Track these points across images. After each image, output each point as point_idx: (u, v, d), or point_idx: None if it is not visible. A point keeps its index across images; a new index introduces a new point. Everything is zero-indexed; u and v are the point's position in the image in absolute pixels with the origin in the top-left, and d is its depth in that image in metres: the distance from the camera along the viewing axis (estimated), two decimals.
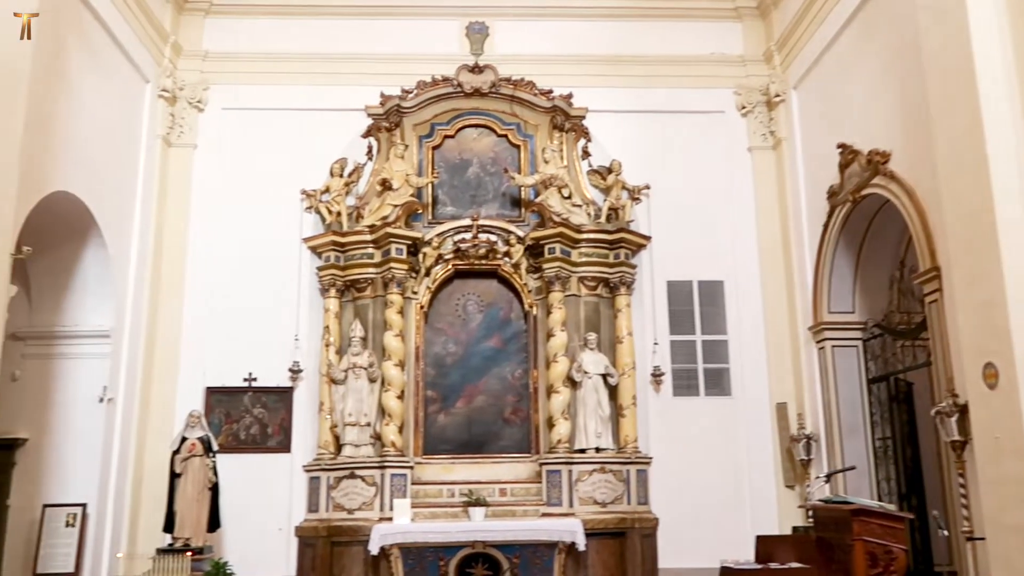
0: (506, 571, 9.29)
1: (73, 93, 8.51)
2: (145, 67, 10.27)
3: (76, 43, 8.59)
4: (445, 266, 10.67)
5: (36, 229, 7.76)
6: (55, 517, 8.81)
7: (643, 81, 11.28)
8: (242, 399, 10.28)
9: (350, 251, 10.49)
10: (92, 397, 9.17)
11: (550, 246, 10.46)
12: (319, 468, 9.96)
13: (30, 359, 9.14)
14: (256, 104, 11.06)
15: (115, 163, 9.61)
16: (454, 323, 10.77)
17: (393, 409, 9.99)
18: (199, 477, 8.96)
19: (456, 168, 11.09)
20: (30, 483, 8.95)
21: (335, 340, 10.30)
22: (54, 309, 9.34)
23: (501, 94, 11.08)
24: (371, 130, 11.08)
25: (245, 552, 9.45)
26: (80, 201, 8.76)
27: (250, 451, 10.14)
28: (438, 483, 10.06)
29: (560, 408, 10.10)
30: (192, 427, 9.17)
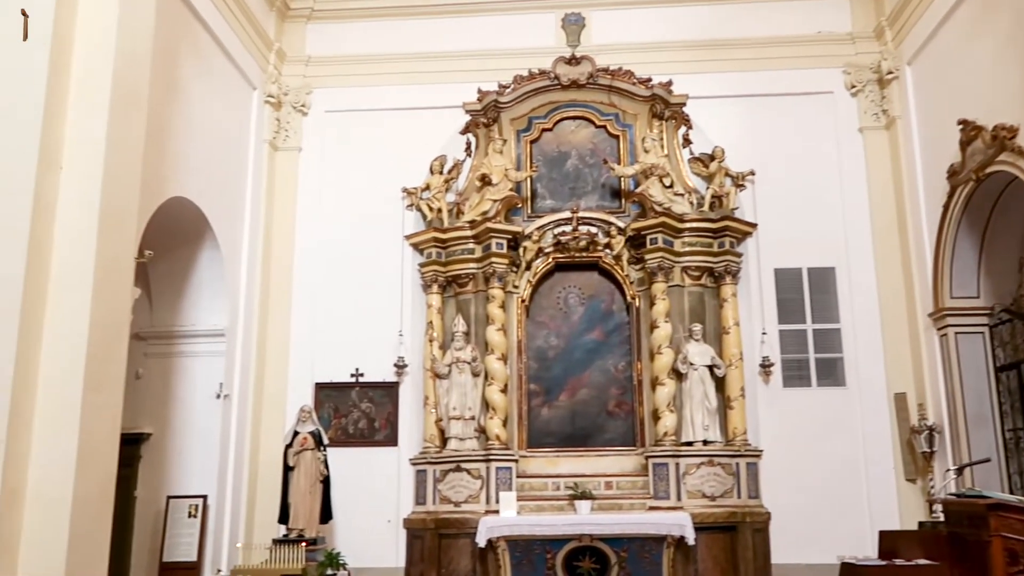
0: (614, 565, 9.19)
1: (186, 103, 8.87)
2: (252, 74, 10.61)
3: (188, 55, 8.95)
4: (545, 259, 10.63)
5: (156, 234, 8.12)
6: (178, 508, 9.23)
7: (745, 64, 10.99)
8: (350, 394, 10.52)
9: (451, 247, 10.58)
10: (210, 393, 9.57)
11: (652, 236, 10.30)
12: (425, 461, 10.08)
13: (152, 358, 9.63)
14: (357, 106, 11.29)
15: (226, 168, 9.97)
16: (555, 316, 10.72)
17: (497, 403, 10.03)
18: (311, 470, 9.19)
19: (555, 161, 11.04)
20: (155, 475, 9.43)
21: (438, 335, 10.42)
22: (173, 310, 9.78)
23: (599, 85, 10.96)
24: (469, 126, 11.15)
25: (356, 543, 9.65)
26: (195, 206, 9.12)
27: (358, 445, 10.37)
28: (543, 476, 10.04)
29: (665, 400, 9.93)
30: (303, 422, 9.41)
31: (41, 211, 6.30)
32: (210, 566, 9.24)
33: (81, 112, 6.64)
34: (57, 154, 6.50)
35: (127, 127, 7.00)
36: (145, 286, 9.21)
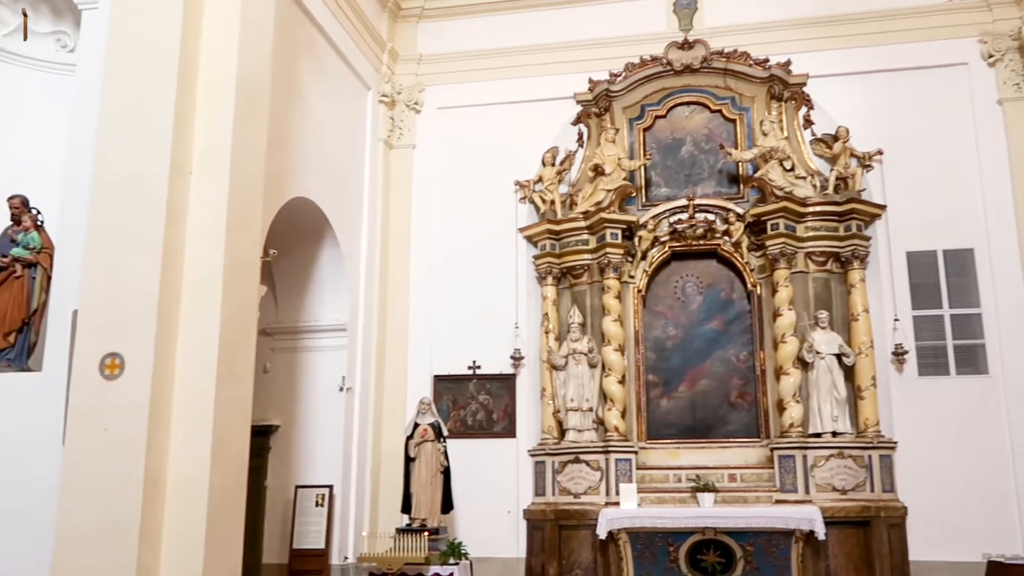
0: (740, 559, 8.96)
1: (305, 106, 9.13)
2: (366, 75, 10.84)
3: (306, 59, 9.21)
4: (661, 248, 10.45)
5: (279, 233, 8.42)
6: (306, 497, 9.56)
7: (868, 39, 10.47)
8: (467, 386, 10.63)
9: (565, 238, 10.53)
10: (333, 386, 9.86)
11: (773, 222, 9.96)
12: (544, 453, 10.09)
13: (278, 352, 10.02)
14: (468, 101, 11.37)
15: (344, 168, 10.23)
16: (673, 306, 10.53)
17: (615, 394, 9.93)
18: (431, 461, 9.34)
19: (669, 148, 10.83)
20: (283, 466, 9.81)
21: (554, 327, 10.40)
22: (297, 306, 10.13)
23: (713, 68, 10.68)
24: (581, 117, 11.07)
25: (477, 533, 9.74)
26: (315, 205, 9.39)
27: (477, 436, 10.47)
28: (663, 468, 9.89)
29: (791, 391, 9.60)
30: (423, 414, 9.57)
31: (174, 215, 6.62)
32: (337, 553, 9.53)
33: (208, 119, 6.94)
34: (187, 160, 6.82)
35: (251, 132, 7.27)
36: (270, 284, 9.57)
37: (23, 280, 7.13)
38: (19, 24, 7.95)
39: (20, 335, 7.09)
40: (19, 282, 7.12)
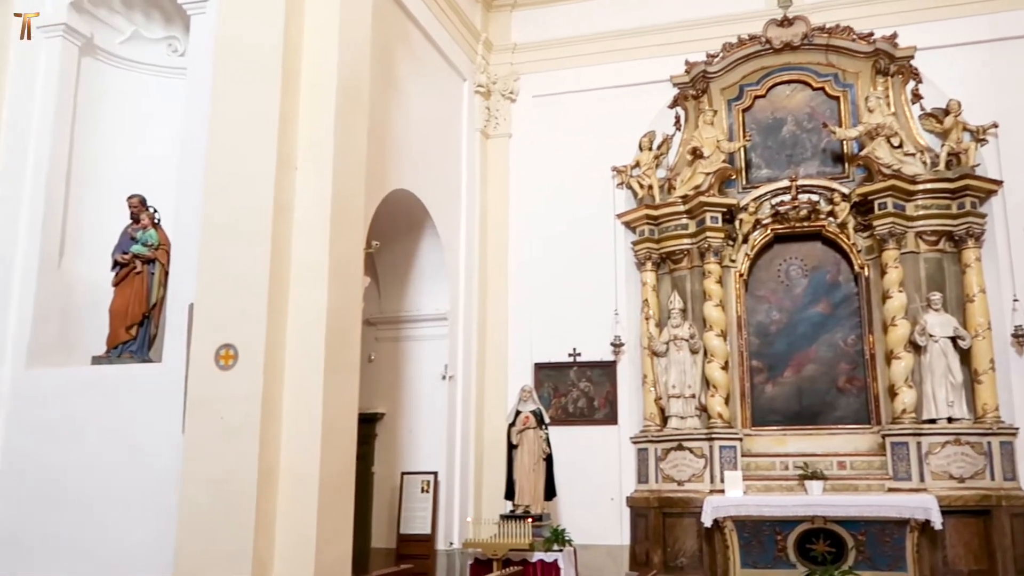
0: (851, 548, 8.72)
1: (403, 99, 9.26)
2: (461, 66, 10.93)
3: (403, 53, 9.34)
4: (763, 231, 10.21)
5: (381, 225, 8.58)
6: (412, 484, 9.76)
7: (980, 7, 9.96)
8: (568, 373, 10.64)
9: (664, 223, 10.40)
10: (435, 375, 10.03)
11: (880, 201, 9.60)
12: (646, 440, 10.02)
13: (382, 342, 10.25)
14: (563, 88, 11.33)
15: (442, 159, 10.35)
16: (776, 290, 10.28)
17: (718, 380, 9.78)
18: (534, 448, 9.39)
19: (769, 128, 10.56)
20: (389, 452, 10.04)
21: (654, 313, 10.30)
22: (399, 296, 10.33)
23: (814, 45, 10.35)
24: (677, 100, 10.91)
25: (580, 520, 9.75)
26: (415, 197, 9.54)
27: (578, 423, 10.47)
28: (769, 455, 9.69)
29: (903, 375, 9.25)
30: (525, 401, 9.63)
31: (281, 210, 6.84)
32: (443, 538, 9.69)
33: (311, 116, 7.13)
34: (292, 156, 7.03)
35: (352, 127, 7.44)
36: (373, 275, 9.78)
37: (143, 276, 7.48)
38: (134, 31, 8.32)
39: (141, 328, 7.44)
40: (139, 278, 7.47)
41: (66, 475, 7.00)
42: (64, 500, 6.96)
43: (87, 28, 8.00)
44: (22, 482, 7.09)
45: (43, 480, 7.04)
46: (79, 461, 6.99)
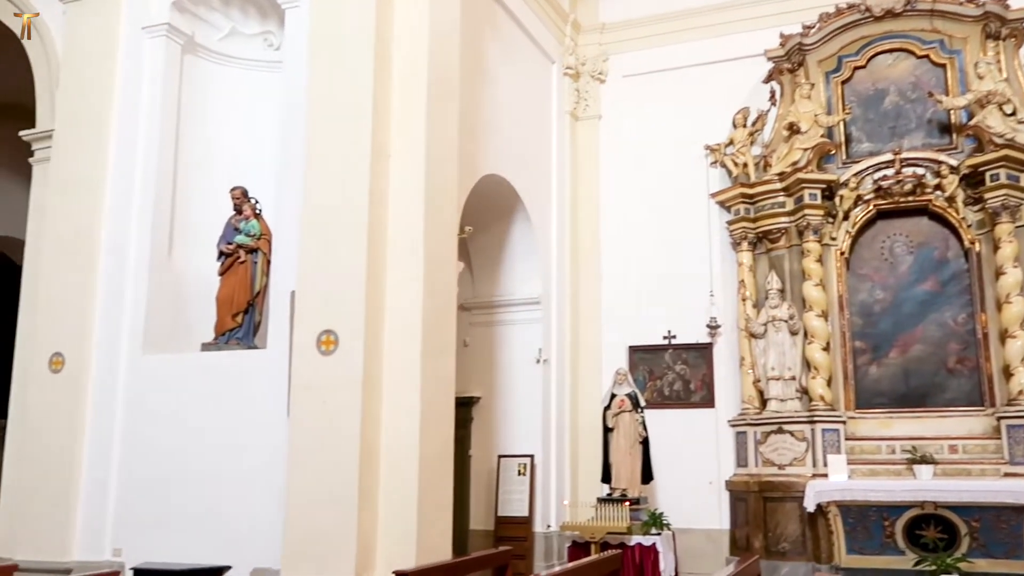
0: (964, 535, 8.37)
1: (492, 84, 9.27)
2: (550, 49, 10.87)
3: (491, 38, 9.35)
4: (865, 207, 9.84)
5: (473, 210, 8.64)
6: (508, 466, 9.84)
7: None
8: (663, 356, 10.53)
9: (760, 202, 10.14)
10: (530, 359, 10.08)
11: (992, 172, 9.14)
12: (744, 423, 9.83)
13: (476, 327, 10.35)
14: (653, 67, 11.17)
15: (532, 143, 10.34)
16: (880, 268, 9.91)
17: (819, 362, 9.51)
18: (630, 431, 9.34)
19: (870, 100, 10.17)
20: (486, 436, 10.14)
21: (751, 294, 10.07)
22: (492, 281, 10.40)
23: (918, 10, 9.90)
24: (772, 74, 10.61)
25: (678, 503, 9.67)
26: (506, 181, 9.55)
27: (675, 406, 10.36)
28: (874, 439, 9.38)
29: (1019, 355, 8.81)
30: (619, 384, 9.57)
31: (376, 198, 6.96)
32: (540, 521, 9.76)
33: (403, 104, 7.24)
34: (386, 144, 7.14)
35: (443, 113, 7.50)
36: (466, 260, 9.85)
37: (247, 265, 7.73)
38: (232, 28, 8.56)
39: (246, 315, 7.69)
40: (243, 267, 7.72)
41: (180, 456, 7.31)
42: (178, 480, 7.28)
43: (188, 27, 8.27)
44: (141, 462, 7.45)
45: (159, 461, 7.37)
46: (191, 443, 7.29)
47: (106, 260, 7.83)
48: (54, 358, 7.67)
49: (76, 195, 7.98)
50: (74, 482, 7.48)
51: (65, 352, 7.68)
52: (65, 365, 7.65)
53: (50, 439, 7.61)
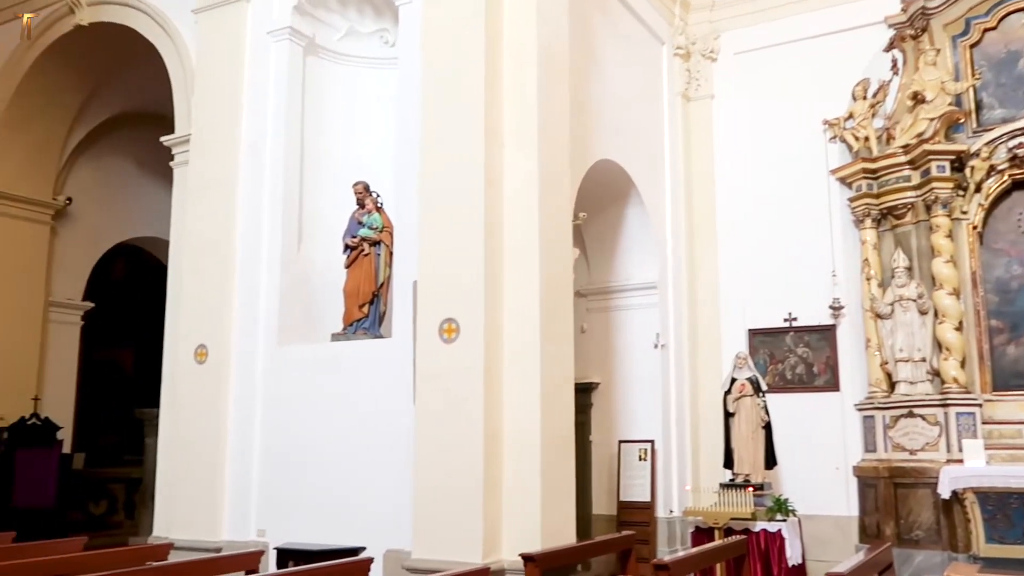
0: None
1: (602, 68, 9.23)
2: (659, 29, 10.75)
3: (600, 22, 9.31)
4: (999, 178, 9.33)
5: (586, 196, 8.64)
6: (629, 452, 9.86)
7: None
8: (784, 339, 10.30)
9: (883, 176, 9.76)
10: (647, 344, 10.04)
11: None
12: (872, 407, 9.51)
13: (593, 312, 10.38)
14: (766, 42, 10.88)
15: (644, 126, 10.25)
16: (1017, 242, 9.38)
17: (951, 342, 9.10)
18: (751, 416, 9.18)
19: (1002, 64, 9.62)
20: (606, 421, 10.18)
21: (875, 272, 9.72)
22: (607, 267, 10.41)
23: None
24: (894, 42, 10.17)
25: (803, 489, 9.45)
26: (619, 166, 9.52)
27: (797, 390, 10.13)
28: (1014, 423, 8.90)
29: None
30: (739, 368, 9.42)
31: (491, 187, 7.08)
32: (662, 506, 9.74)
33: (514, 93, 7.32)
34: (499, 133, 7.24)
35: (553, 100, 7.54)
36: (581, 246, 9.90)
37: (371, 257, 8.02)
38: (349, 28, 8.85)
39: (372, 306, 7.99)
40: (367, 259, 8.01)
41: (314, 442, 7.67)
42: (314, 464, 7.64)
43: (309, 29, 8.60)
44: (279, 448, 7.85)
45: (295, 446, 7.76)
46: (324, 429, 7.64)
47: (241, 256, 8.29)
48: (199, 350, 8.21)
49: (212, 196, 8.46)
50: (220, 467, 7.98)
51: (208, 344, 8.20)
52: (209, 356, 8.18)
53: (197, 426, 8.14)
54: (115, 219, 13.01)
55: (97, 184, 12.67)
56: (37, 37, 10.62)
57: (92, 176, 12.60)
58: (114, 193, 12.92)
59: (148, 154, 11.74)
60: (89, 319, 12.86)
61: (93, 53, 10.82)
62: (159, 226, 10.73)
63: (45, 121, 11.55)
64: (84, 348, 12.80)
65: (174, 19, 9.34)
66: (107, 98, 11.86)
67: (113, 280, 14.14)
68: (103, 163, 12.70)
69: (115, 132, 12.48)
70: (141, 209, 13.05)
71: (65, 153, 12.04)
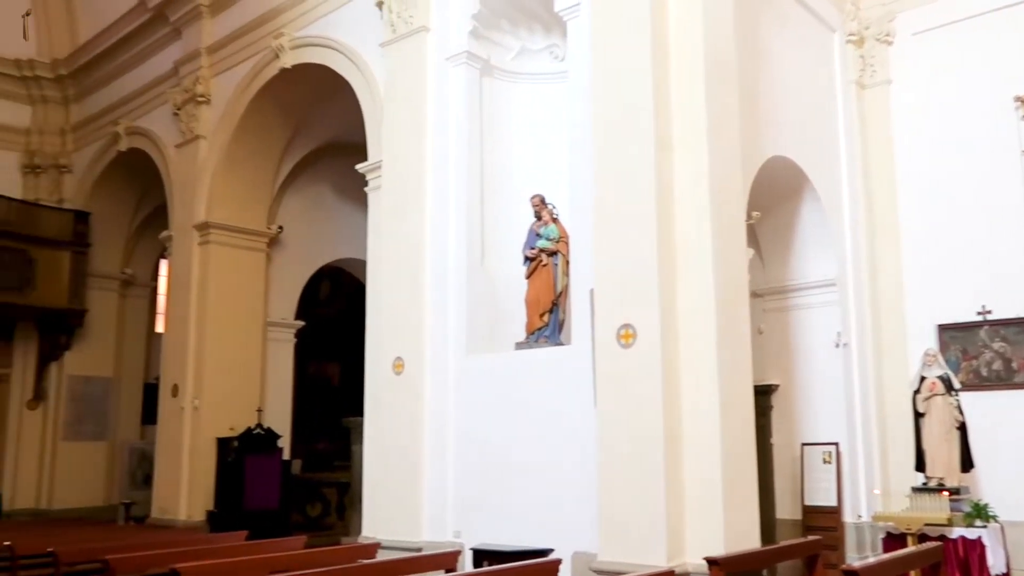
0: None
1: (769, 61, 9.05)
2: (828, 17, 10.43)
3: (767, 16, 9.14)
4: None
5: (759, 194, 8.55)
6: (812, 455, 9.66)
7: None
8: (977, 334, 9.76)
9: None
10: (828, 343, 9.78)
11: None
12: None
13: (770, 313, 10.25)
14: (947, 19, 10.32)
15: (816, 118, 10.00)
16: None
17: None
18: (944, 416, 8.80)
19: None
20: (787, 423, 10.01)
21: None
22: (783, 265, 10.23)
23: None
24: None
25: (1006, 494, 8.91)
26: (791, 161, 9.33)
27: (995, 388, 9.57)
28: None
29: None
30: (929, 366, 9.04)
31: (663, 191, 7.17)
32: (850, 511, 9.47)
33: (682, 95, 7.37)
34: (668, 137, 7.32)
35: (722, 100, 7.52)
36: (756, 245, 9.79)
37: (549, 267, 8.32)
38: (521, 47, 9.20)
39: (551, 314, 8.28)
40: (546, 269, 8.32)
41: (502, 447, 8.05)
42: (503, 468, 8.02)
43: (484, 51, 9.01)
44: (470, 453, 8.29)
45: (485, 451, 8.18)
46: (510, 434, 8.00)
47: (431, 272, 8.79)
48: (396, 361, 8.81)
49: (403, 216, 9.04)
50: (419, 471, 8.49)
51: (404, 356, 8.77)
52: (405, 368, 8.74)
53: (397, 434, 8.72)
54: (319, 243, 14.10)
55: (303, 212, 13.82)
56: (248, 83, 11.84)
57: (299, 205, 13.75)
58: (318, 219, 14.01)
59: (345, 181, 12.67)
60: (300, 336, 14.04)
61: (296, 92, 11.83)
62: (357, 248, 11.60)
63: (259, 158, 12.71)
64: (297, 363, 14.00)
65: (364, 54, 10.04)
66: (309, 132, 12.90)
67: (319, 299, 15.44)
68: (307, 192, 13.83)
69: (317, 163, 13.56)
70: (341, 233, 14.07)
71: (276, 185, 13.22)
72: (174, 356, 12.58)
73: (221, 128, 12.38)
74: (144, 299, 16.57)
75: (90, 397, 15.37)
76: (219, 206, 12.50)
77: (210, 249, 12.45)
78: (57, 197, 15.51)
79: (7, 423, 14.95)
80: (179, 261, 12.86)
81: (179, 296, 12.71)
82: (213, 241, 12.45)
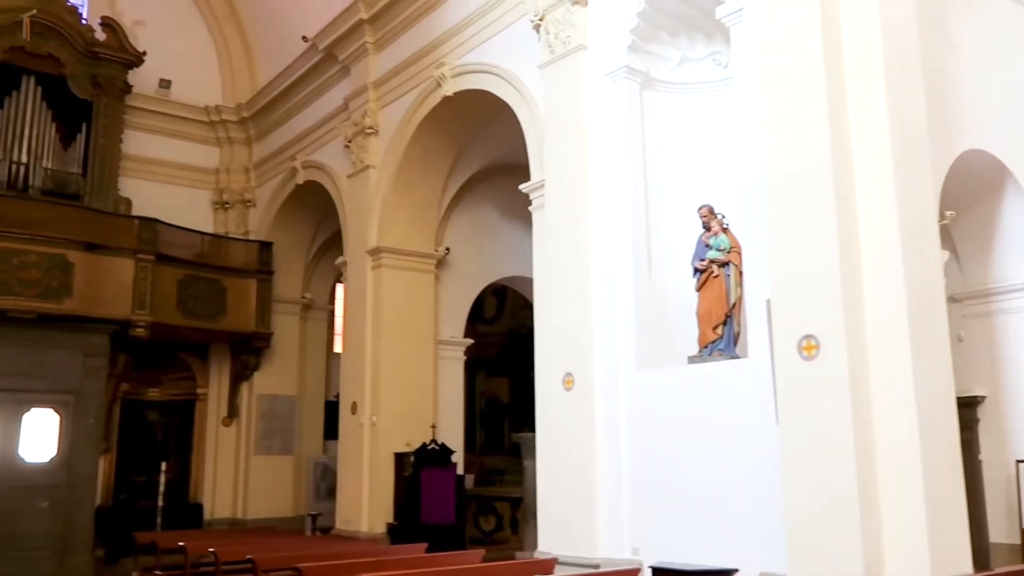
0: None
1: (959, 49, 8.34)
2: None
3: None
4: None
5: (952, 192, 7.89)
6: None
7: None
8: None
9: None
10: None
11: None
12: None
13: (971, 319, 9.46)
14: None
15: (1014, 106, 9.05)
16: None
17: None
18: None
19: None
20: (997, 438, 9.16)
21: None
22: (984, 267, 9.44)
23: None
24: None
25: None
26: (988, 154, 8.54)
27: None
28: None
29: None
30: None
31: (843, 196, 6.73)
32: None
33: (860, 94, 6.91)
34: (846, 140, 6.87)
35: (905, 94, 7.00)
36: (951, 247, 9.05)
37: (720, 279, 8.01)
38: (682, 57, 8.95)
39: (725, 327, 7.96)
40: (717, 281, 8.01)
41: (677, 462, 7.78)
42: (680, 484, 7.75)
43: (644, 64, 8.85)
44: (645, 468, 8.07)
45: (660, 467, 7.94)
46: (686, 449, 7.73)
47: (597, 287, 8.70)
48: (566, 377, 8.78)
49: (567, 233, 9.02)
50: (593, 487, 8.38)
51: (574, 371, 8.72)
52: (575, 383, 8.69)
53: (570, 449, 8.66)
54: (485, 263, 14.41)
55: (469, 233, 14.17)
56: (413, 112, 12.28)
57: (464, 226, 14.12)
58: (483, 240, 14.34)
59: (509, 201, 12.95)
60: (469, 353, 14.36)
61: (458, 117, 12.15)
62: (522, 266, 11.71)
63: (425, 183, 13.15)
64: (467, 379, 14.29)
65: (523, 76, 10.14)
66: (472, 155, 13.21)
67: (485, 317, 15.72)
68: (472, 213, 14.18)
69: (480, 185, 13.87)
70: (506, 252, 14.36)
71: (442, 208, 13.62)
72: (352, 375, 13.10)
73: (389, 157, 12.83)
74: (323, 321, 17.50)
75: (277, 414, 16.30)
76: (390, 231, 12.95)
77: (383, 272, 12.90)
78: (243, 230, 16.64)
79: (206, 438, 16.13)
80: (354, 285, 13.40)
81: (355, 318, 13.22)
82: (385, 265, 12.90)
